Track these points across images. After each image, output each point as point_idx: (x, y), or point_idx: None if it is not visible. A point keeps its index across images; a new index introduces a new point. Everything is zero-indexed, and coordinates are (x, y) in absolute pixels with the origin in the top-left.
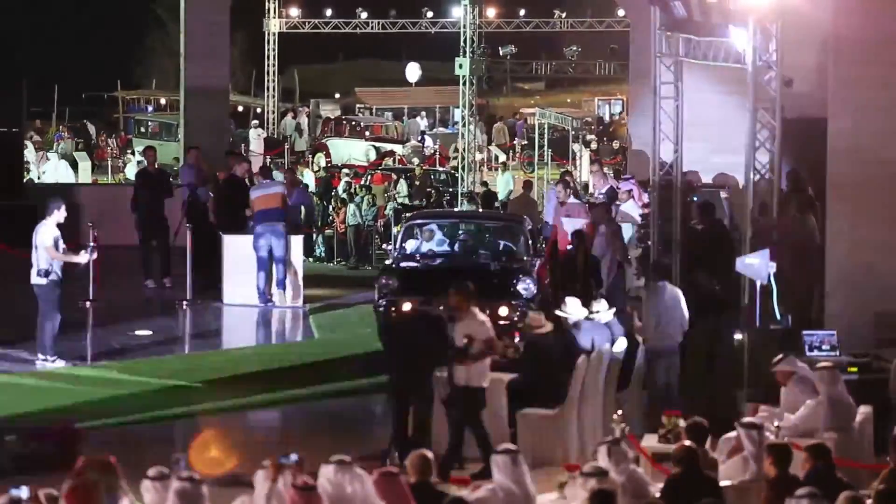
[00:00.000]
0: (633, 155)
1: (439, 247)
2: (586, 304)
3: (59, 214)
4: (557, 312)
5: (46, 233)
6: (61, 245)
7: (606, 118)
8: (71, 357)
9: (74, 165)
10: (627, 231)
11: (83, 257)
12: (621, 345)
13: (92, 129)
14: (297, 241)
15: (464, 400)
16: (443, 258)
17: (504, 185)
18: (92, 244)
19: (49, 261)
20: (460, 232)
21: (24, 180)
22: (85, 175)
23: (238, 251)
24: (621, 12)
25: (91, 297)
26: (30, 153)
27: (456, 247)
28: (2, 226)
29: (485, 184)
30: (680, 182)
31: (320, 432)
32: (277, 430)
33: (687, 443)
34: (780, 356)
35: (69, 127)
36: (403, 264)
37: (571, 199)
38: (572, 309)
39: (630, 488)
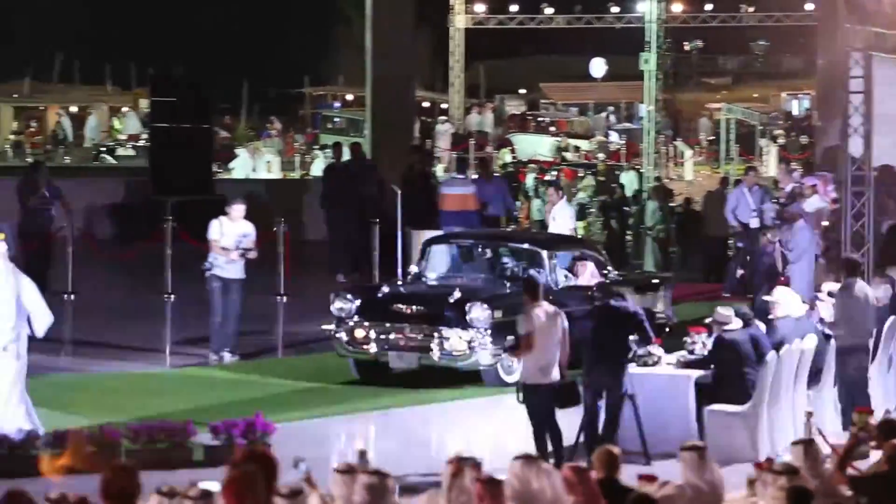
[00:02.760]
0: (823, 150)
1: (446, 269)
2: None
3: (232, 210)
4: (766, 298)
5: (211, 226)
6: (236, 239)
7: (794, 113)
8: (262, 350)
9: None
10: None
11: (234, 254)
12: (811, 341)
13: (278, 125)
14: None
15: (522, 395)
16: (422, 282)
17: (629, 183)
18: (239, 241)
19: (214, 255)
20: (476, 255)
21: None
22: (274, 170)
23: None
24: (810, 6)
25: (282, 292)
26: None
27: (461, 270)
28: (191, 221)
29: (658, 179)
30: (871, 177)
31: (506, 429)
32: (453, 425)
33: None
34: None
35: (270, 122)
36: (366, 286)
37: (562, 203)
38: (785, 299)
39: (822, 489)
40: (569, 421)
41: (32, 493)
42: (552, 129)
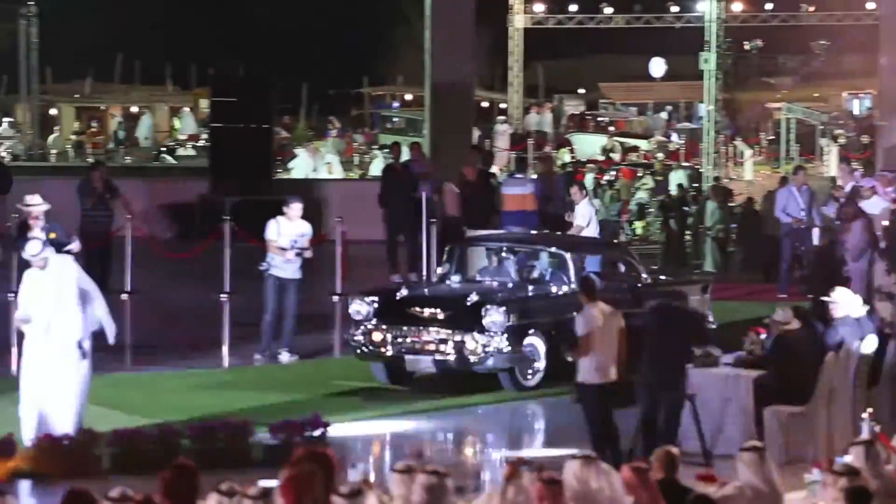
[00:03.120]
0: (884, 149)
1: (470, 272)
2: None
3: (289, 210)
4: (825, 300)
5: (268, 226)
6: (292, 238)
7: (855, 112)
8: (319, 350)
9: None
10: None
11: (289, 253)
12: (871, 342)
13: (338, 125)
14: None
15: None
16: (442, 285)
17: (677, 182)
18: (295, 241)
19: (271, 255)
20: (501, 258)
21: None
22: (335, 171)
23: None
24: (871, 5)
25: (339, 291)
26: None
27: (485, 273)
28: (250, 220)
29: (717, 178)
30: None
31: (563, 429)
32: (510, 425)
33: None
34: None
35: (331, 121)
36: (383, 289)
37: (584, 202)
38: (844, 300)
39: (883, 489)
40: (626, 421)
41: (94, 491)
42: (611, 128)
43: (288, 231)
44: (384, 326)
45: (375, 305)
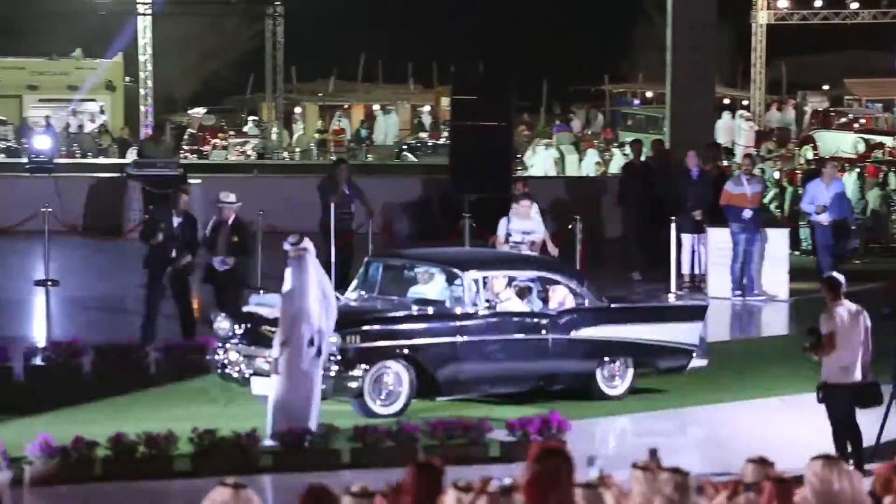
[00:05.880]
0: None
1: (370, 289)
2: None
3: (518, 206)
4: None
5: (499, 224)
6: (518, 235)
7: None
8: None
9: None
10: None
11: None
12: None
13: (578, 123)
14: (783, 234)
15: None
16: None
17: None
18: (511, 238)
19: None
20: (405, 275)
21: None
22: (572, 167)
23: (717, 244)
24: None
25: None
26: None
27: (385, 290)
28: (489, 218)
29: None
30: None
31: (803, 429)
32: (747, 424)
33: None
34: None
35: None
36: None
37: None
38: None
39: None
40: (868, 420)
41: (333, 486)
42: (856, 125)
43: (517, 227)
44: (239, 346)
45: (235, 324)
